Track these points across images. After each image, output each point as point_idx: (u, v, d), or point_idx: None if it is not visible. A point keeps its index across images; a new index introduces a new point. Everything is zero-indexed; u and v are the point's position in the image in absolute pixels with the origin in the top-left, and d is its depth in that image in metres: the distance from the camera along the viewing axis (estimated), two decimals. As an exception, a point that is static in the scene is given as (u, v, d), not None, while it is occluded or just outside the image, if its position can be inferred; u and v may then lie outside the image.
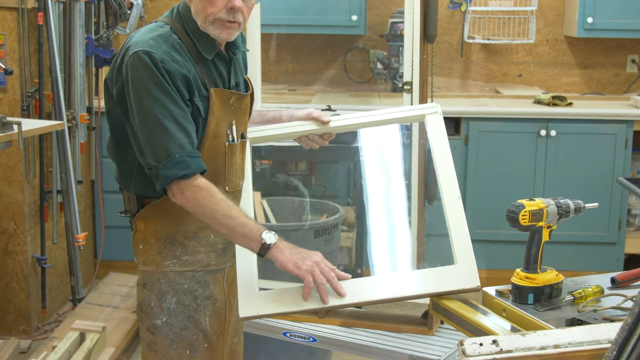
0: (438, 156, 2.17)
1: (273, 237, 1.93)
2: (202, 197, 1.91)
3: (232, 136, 2.08)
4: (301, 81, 4.90)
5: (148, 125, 1.91)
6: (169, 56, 1.93)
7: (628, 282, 2.06)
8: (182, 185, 1.90)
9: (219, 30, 2.00)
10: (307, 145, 2.37)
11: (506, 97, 4.72)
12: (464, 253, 2.00)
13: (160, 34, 1.97)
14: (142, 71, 1.91)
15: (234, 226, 1.92)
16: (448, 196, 2.09)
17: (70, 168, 3.72)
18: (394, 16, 4.59)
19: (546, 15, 4.85)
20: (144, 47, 1.92)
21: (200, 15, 1.99)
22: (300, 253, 1.95)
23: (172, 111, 1.91)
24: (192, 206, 1.93)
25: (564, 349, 1.51)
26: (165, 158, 1.89)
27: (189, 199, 1.92)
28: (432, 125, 2.26)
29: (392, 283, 2.02)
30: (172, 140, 1.90)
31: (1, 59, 3.57)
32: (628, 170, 4.30)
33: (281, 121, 2.38)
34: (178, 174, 1.89)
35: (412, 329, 2.92)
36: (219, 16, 1.98)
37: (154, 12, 4.75)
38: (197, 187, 1.91)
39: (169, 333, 2.09)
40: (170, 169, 1.89)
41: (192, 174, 1.90)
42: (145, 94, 1.91)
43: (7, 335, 3.76)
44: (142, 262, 2.10)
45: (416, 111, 2.38)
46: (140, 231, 2.08)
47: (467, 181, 4.29)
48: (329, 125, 2.31)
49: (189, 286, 2.09)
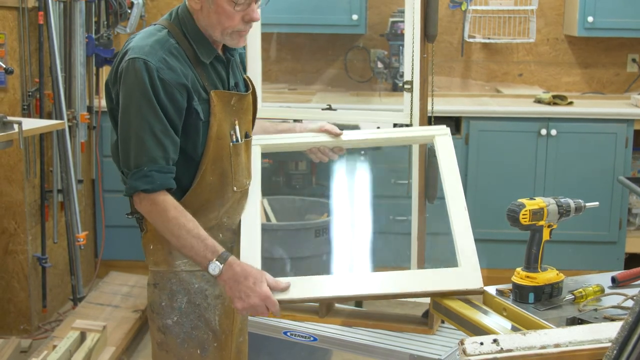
0: (447, 176, 2.24)
1: (217, 269, 1.92)
2: (154, 212, 1.95)
3: (236, 136, 2.08)
4: (302, 80, 4.90)
5: (126, 132, 1.94)
6: (164, 64, 1.93)
7: (628, 281, 2.06)
8: (142, 196, 1.95)
9: (236, 41, 2.03)
10: (317, 158, 2.41)
11: (507, 96, 4.72)
12: (468, 257, 2.02)
13: (157, 39, 1.97)
14: (133, 79, 1.92)
15: (180, 247, 1.95)
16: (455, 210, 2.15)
17: (70, 167, 3.73)
18: (395, 15, 4.60)
19: (546, 15, 4.85)
20: (139, 54, 1.93)
21: (216, 29, 2.00)
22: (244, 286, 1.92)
23: (152, 124, 1.92)
24: (147, 218, 2.00)
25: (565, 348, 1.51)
26: (134, 168, 1.93)
27: (144, 211, 1.98)
28: (441, 146, 2.34)
29: (394, 280, 2.04)
30: (145, 153, 1.92)
31: (2, 58, 3.57)
32: (628, 170, 4.30)
33: (294, 132, 2.42)
34: (140, 187, 1.93)
35: (412, 328, 2.91)
36: (237, 28, 2.00)
37: (154, 12, 4.75)
38: (153, 202, 1.94)
39: (180, 333, 2.10)
40: (135, 180, 1.93)
41: (155, 190, 1.93)
42: (130, 103, 1.93)
43: (7, 334, 3.76)
44: (153, 262, 2.11)
45: (427, 132, 2.50)
46: (151, 231, 2.08)
47: (468, 180, 4.29)
48: (341, 138, 2.38)
49: (199, 286, 2.09)
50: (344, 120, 3.59)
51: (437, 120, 3.14)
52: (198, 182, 2.03)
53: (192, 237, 1.93)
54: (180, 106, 1.95)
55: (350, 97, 4.66)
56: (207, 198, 2.05)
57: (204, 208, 2.05)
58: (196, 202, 2.02)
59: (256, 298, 1.91)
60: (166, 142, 1.94)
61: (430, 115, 3.01)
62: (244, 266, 1.95)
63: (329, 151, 2.39)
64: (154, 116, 1.92)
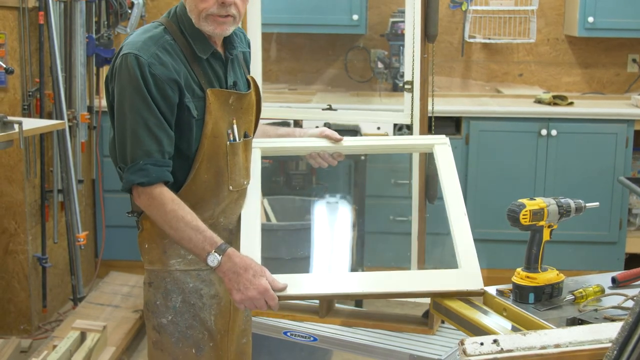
0: (446, 184, 2.25)
1: (215, 261, 1.92)
2: (152, 206, 1.95)
3: (234, 135, 2.09)
4: (302, 80, 4.90)
5: (121, 128, 1.96)
6: (156, 59, 1.94)
7: (629, 282, 2.06)
8: (139, 190, 1.95)
9: (212, 26, 2.01)
10: (316, 163, 2.41)
11: (507, 96, 4.72)
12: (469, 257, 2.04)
13: (151, 36, 1.99)
14: (126, 74, 1.94)
15: (179, 240, 1.96)
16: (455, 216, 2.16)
17: (71, 167, 3.72)
18: (395, 15, 4.60)
19: (547, 15, 4.85)
20: (132, 50, 1.95)
21: (194, 12, 2.01)
22: (243, 278, 1.91)
23: (146, 118, 1.93)
24: (146, 212, 2.00)
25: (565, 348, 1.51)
26: (130, 162, 1.94)
27: (143, 205, 1.98)
28: (440, 155, 2.36)
29: (395, 280, 2.04)
30: (140, 147, 1.93)
31: (2, 58, 3.57)
32: (629, 170, 4.30)
33: (294, 137, 2.43)
34: (136, 181, 1.93)
35: (412, 329, 2.92)
36: (211, 11, 1.99)
37: (154, 12, 4.75)
38: (150, 195, 1.94)
39: (175, 332, 2.10)
40: (131, 174, 1.94)
41: (150, 182, 1.94)
42: (124, 98, 1.95)
43: (7, 334, 3.76)
44: (148, 261, 2.11)
45: (426, 140, 2.52)
46: (146, 230, 2.09)
47: (468, 181, 4.29)
48: (341, 144, 2.39)
49: (194, 285, 2.10)
50: (344, 120, 3.60)
51: (437, 120, 3.15)
52: (192, 179, 2.03)
53: (190, 229, 1.93)
54: (172, 101, 1.96)
55: (351, 97, 4.66)
56: (201, 196, 2.06)
57: (199, 206, 2.04)
58: (190, 200, 2.01)
59: (255, 291, 1.91)
60: (161, 135, 1.95)
61: (430, 115, 3.01)
62: (244, 258, 1.94)
63: (328, 157, 2.39)
64: (148, 110, 1.93)
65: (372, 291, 2.04)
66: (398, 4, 4.64)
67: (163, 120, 1.95)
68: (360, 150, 2.52)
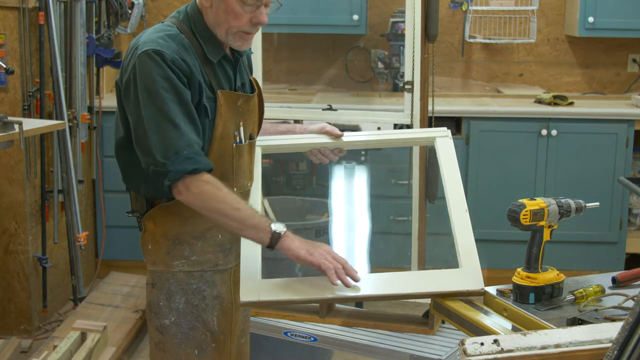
0: (448, 178, 2.24)
1: (282, 227, 1.95)
2: (208, 191, 1.91)
3: (240, 137, 2.09)
4: (302, 81, 4.90)
5: (156, 122, 1.91)
6: (178, 55, 1.94)
7: (629, 282, 2.06)
8: (188, 181, 1.90)
9: (240, 42, 2.03)
10: (317, 159, 2.42)
11: (507, 96, 4.72)
12: (469, 257, 2.03)
13: (168, 34, 1.98)
14: (153, 68, 1.91)
15: (244, 218, 1.93)
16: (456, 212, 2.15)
17: (71, 167, 3.72)
18: (395, 16, 4.60)
19: (547, 15, 4.85)
20: (153, 46, 1.93)
21: (222, 27, 2.01)
22: (310, 243, 1.97)
23: (180, 109, 1.92)
24: (198, 201, 1.93)
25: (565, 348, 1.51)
26: (173, 154, 1.90)
27: (195, 194, 1.92)
28: (442, 148, 2.35)
29: (395, 280, 2.04)
30: (181, 138, 1.91)
31: (2, 58, 3.57)
32: (629, 170, 4.30)
33: (294, 133, 2.43)
34: (188, 169, 1.89)
35: (413, 329, 2.91)
36: (243, 29, 2.00)
37: (154, 12, 4.75)
38: (204, 181, 1.91)
39: (178, 333, 2.10)
40: (179, 164, 1.89)
41: (201, 170, 1.91)
42: (154, 92, 1.91)
43: (8, 334, 3.76)
44: (151, 262, 2.11)
45: (427, 133, 2.51)
46: (149, 231, 2.08)
47: (468, 181, 4.29)
48: (341, 140, 2.38)
49: (197, 286, 2.09)
50: (344, 121, 3.59)
51: (437, 120, 3.15)
52: None
53: (249, 207, 1.97)
54: (193, 99, 1.97)
55: (351, 97, 4.66)
56: None
57: None
58: None
59: (325, 246, 1.96)
60: (195, 127, 1.95)
61: (430, 115, 3.01)
62: None
63: (329, 152, 2.40)
64: (181, 101, 1.92)
65: (371, 294, 2.02)
66: (398, 4, 4.64)
67: (195, 112, 1.95)
68: (361, 145, 2.50)
